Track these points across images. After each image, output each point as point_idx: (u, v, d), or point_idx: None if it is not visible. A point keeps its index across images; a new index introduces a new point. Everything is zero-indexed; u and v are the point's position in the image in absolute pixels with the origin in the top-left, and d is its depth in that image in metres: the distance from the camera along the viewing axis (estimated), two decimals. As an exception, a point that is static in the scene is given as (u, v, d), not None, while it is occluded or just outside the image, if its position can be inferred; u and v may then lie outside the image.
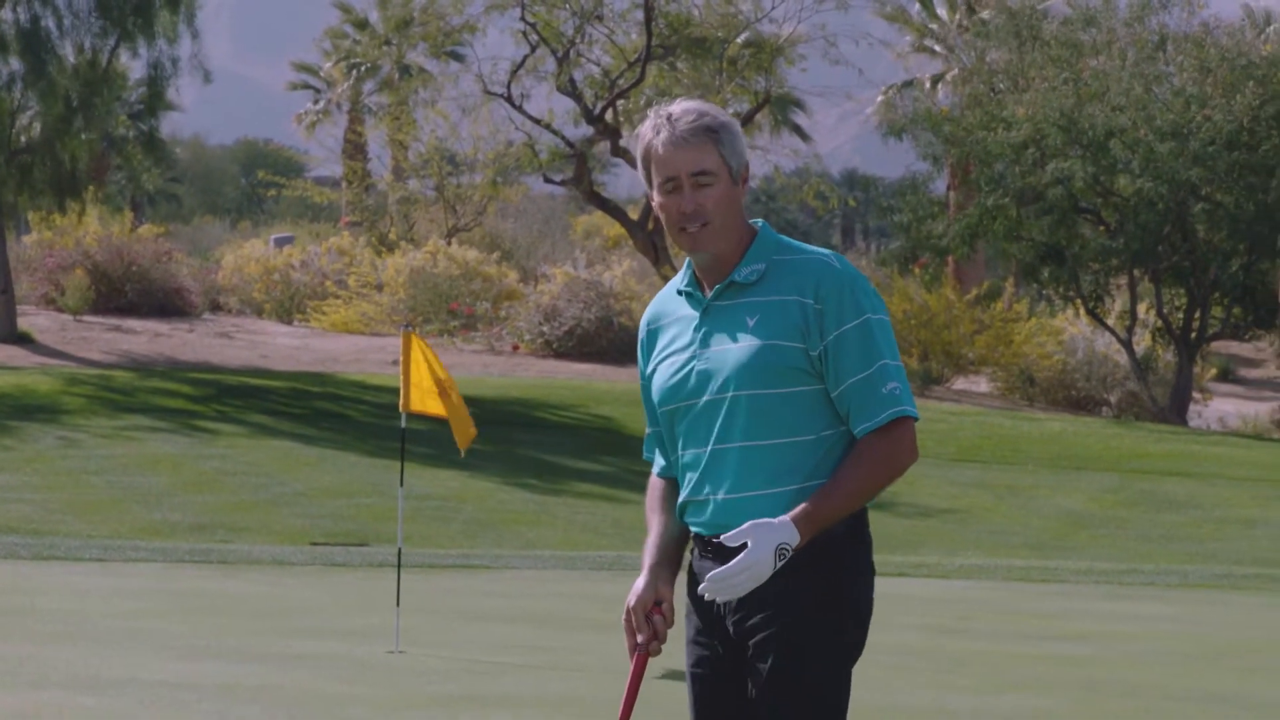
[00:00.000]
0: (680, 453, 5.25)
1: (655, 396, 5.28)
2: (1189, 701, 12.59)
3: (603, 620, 16.30)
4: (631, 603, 5.23)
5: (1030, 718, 11.84)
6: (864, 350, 5.10)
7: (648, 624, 5.20)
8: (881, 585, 5.42)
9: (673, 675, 5.31)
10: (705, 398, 5.17)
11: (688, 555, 5.33)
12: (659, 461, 5.42)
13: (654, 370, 5.29)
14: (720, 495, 5.16)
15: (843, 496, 5.08)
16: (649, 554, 5.28)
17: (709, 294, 5.23)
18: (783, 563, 5.00)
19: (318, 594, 18.20)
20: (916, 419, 5.15)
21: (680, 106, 5.21)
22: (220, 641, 14.21)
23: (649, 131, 5.19)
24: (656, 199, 5.19)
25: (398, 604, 14.61)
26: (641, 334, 5.39)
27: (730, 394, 5.14)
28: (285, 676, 12.52)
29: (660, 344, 5.30)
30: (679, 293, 5.30)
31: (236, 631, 14.85)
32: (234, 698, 11.67)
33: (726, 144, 5.17)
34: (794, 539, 5.00)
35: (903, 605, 17.16)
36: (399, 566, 15.91)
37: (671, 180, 5.15)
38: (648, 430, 5.45)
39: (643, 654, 5.21)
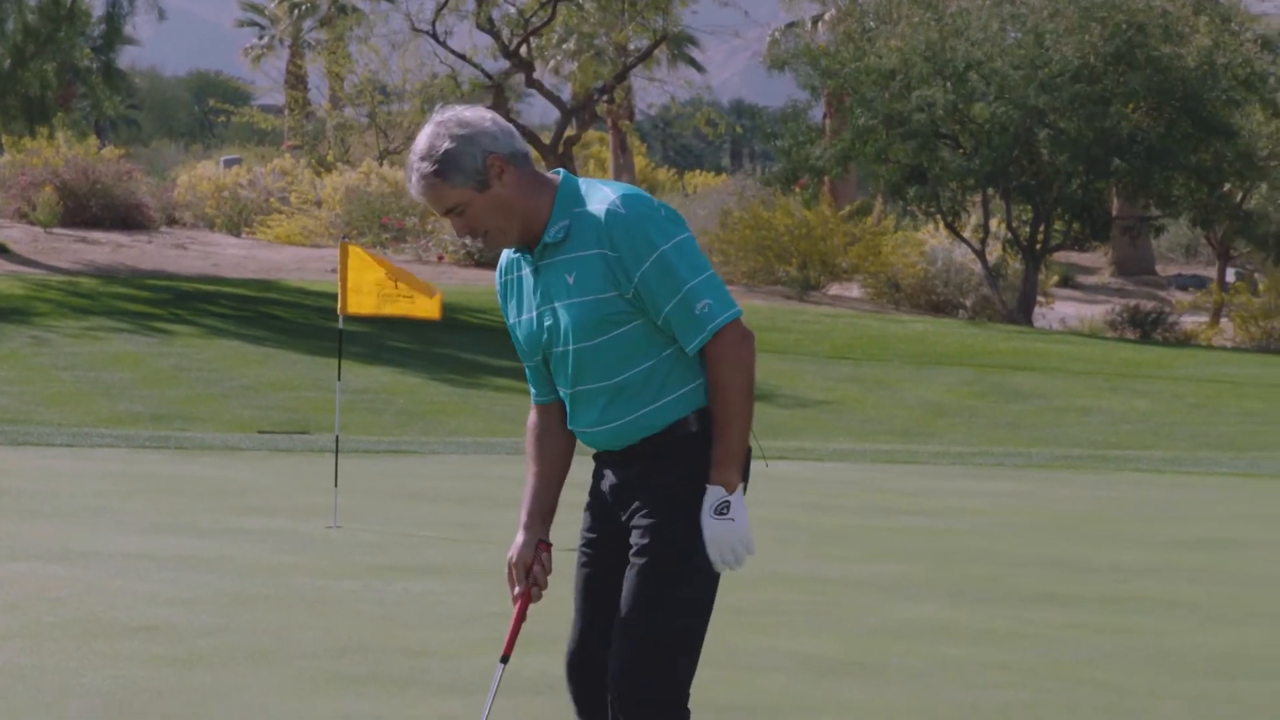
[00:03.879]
0: (560, 389, 5.22)
1: (525, 348, 5.22)
2: (1032, 566, 12.72)
3: (517, 499, 16.30)
4: (513, 558, 5.25)
5: (895, 582, 11.94)
6: (667, 281, 4.96)
7: (528, 578, 5.24)
8: (764, 467, 5.42)
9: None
10: (557, 349, 5.12)
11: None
12: (532, 391, 5.37)
13: (515, 324, 5.21)
14: (600, 427, 5.13)
15: (731, 420, 5.00)
16: (525, 510, 5.30)
17: (537, 252, 5.11)
18: (728, 513, 4.99)
19: (264, 476, 18.16)
20: (737, 315, 5.01)
21: (418, 144, 5.04)
22: (177, 518, 14.17)
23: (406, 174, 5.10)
24: None
25: (336, 485, 14.61)
26: (498, 281, 5.27)
27: (572, 347, 5.07)
28: (235, 549, 12.51)
29: (514, 298, 5.21)
30: (514, 253, 5.20)
31: (191, 510, 14.81)
32: (189, 567, 11.65)
33: (455, 172, 4.98)
34: (721, 494, 5.00)
35: (783, 485, 17.25)
36: (337, 451, 15.90)
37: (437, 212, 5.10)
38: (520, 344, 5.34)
39: (524, 599, 5.26)
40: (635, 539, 5.08)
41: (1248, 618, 10.89)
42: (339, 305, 14.60)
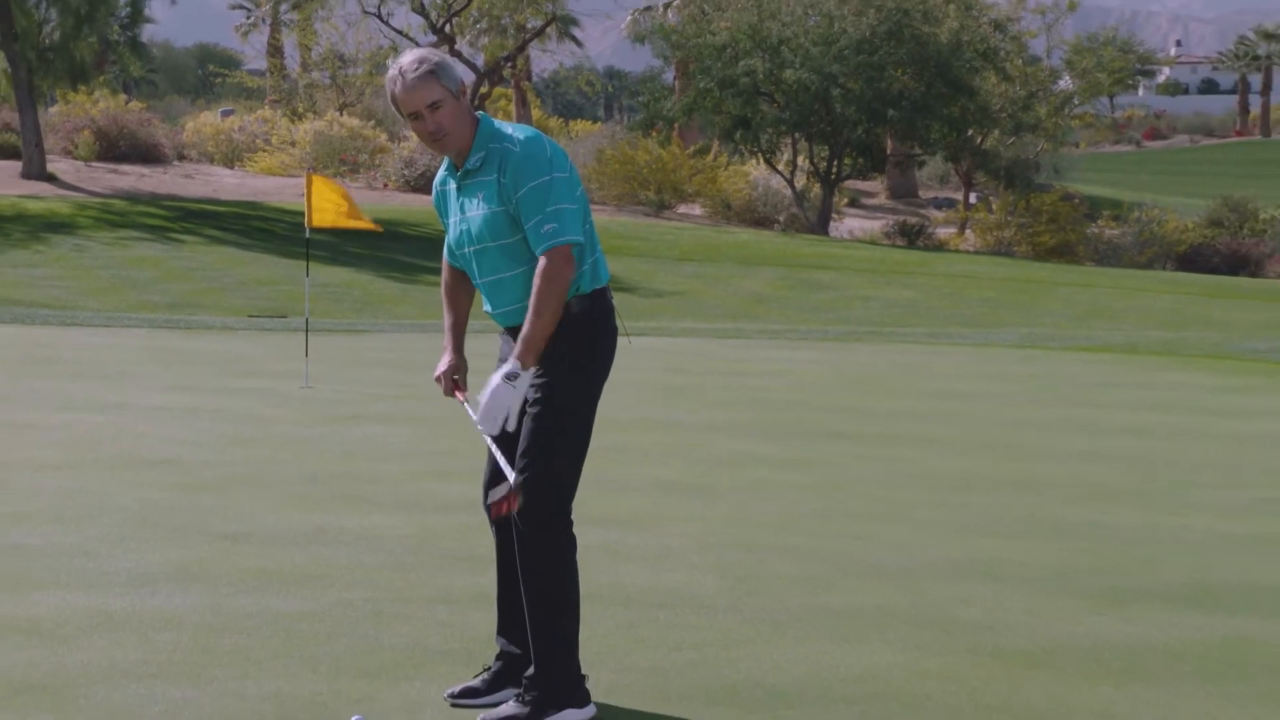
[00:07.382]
0: (473, 280, 5.21)
1: (454, 245, 5.22)
2: (828, 412, 12.80)
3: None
4: (441, 371, 5.28)
5: (726, 425, 12.00)
6: (530, 206, 4.95)
7: (454, 386, 5.29)
8: (628, 343, 5.39)
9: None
10: (468, 249, 5.14)
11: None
12: (449, 259, 5.35)
13: (448, 225, 5.22)
14: (503, 308, 5.11)
15: (534, 317, 4.93)
16: (448, 338, 5.31)
17: (460, 175, 5.12)
18: (514, 381, 4.93)
19: (253, 349, 17.94)
20: (571, 243, 4.95)
21: (408, 58, 5.00)
22: (187, 380, 14.00)
23: (390, 84, 5.01)
24: (410, 125, 5.05)
25: (306, 355, 14.48)
26: (436, 189, 5.26)
27: (480, 246, 5.08)
28: (231, 402, 12.38)
29: (449, 206, 5.21)
30: (445, 171, 5.20)
31: (198, 375, 14.63)
32: (197, 416, 11.53)
33: (444, 76, 4.98)
34: (518, 367, 4.94)
35: (644, 355, 17.28)
36: (307, 330, 15.76)
37: (414, 113, 4.99)
38: (447, 239, 5.34)
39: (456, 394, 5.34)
40: (530, 394, 5.05)
41: (980, 449, 11.05)
42: (306, 220, 14.43)
